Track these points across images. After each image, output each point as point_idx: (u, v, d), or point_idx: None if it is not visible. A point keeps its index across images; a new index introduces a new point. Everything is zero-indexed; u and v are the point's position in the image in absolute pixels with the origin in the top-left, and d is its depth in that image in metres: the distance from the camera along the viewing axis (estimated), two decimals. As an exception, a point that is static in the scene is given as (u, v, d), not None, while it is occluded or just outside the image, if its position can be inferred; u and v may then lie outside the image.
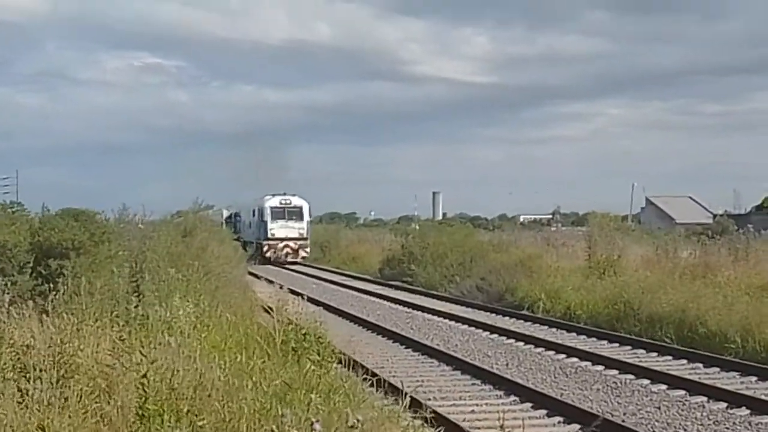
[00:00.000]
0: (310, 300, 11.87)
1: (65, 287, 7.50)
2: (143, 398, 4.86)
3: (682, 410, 7.42)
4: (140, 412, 4.80)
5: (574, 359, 10.37)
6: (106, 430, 4.89)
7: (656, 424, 6.94)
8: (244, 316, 9.55)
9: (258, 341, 7.49)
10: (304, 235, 33.40)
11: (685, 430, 6.67)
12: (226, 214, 44.76)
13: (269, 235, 32.63)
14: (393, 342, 12.54)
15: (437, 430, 5.66)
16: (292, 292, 10.83)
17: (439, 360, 10.52)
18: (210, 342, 7.15)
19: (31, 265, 9.27)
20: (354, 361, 8.20)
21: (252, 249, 33.54)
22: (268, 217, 32.96)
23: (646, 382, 8.77)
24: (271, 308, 9.03)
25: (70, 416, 4.80)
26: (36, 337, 5.82)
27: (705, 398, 7.88)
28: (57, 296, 7.11)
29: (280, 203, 33.52)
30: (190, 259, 10.76)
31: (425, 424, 5.66)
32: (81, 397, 5.20)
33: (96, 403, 5.19)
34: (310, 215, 35.11)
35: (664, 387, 8.49)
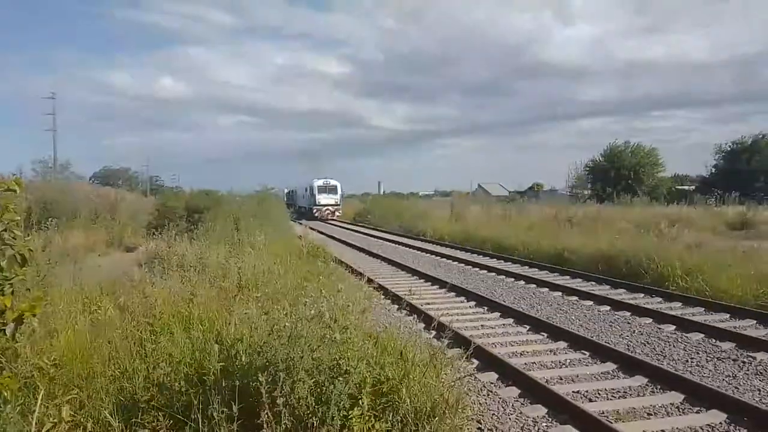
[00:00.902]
0: (319, 233, 18.17)
1: (202, 227, 12.97)
2: (240, 278, 8.81)
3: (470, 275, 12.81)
4: (238, 286, 8.53)
5: (442, 258, 18.97)
6: (222, 294, 8.10)
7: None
8: (288, 240, 15.24)
9: (294, 252, 12.96)
10: (338, 203, 48.99)
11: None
12: (286, 191, 69.70)
13: (317, 203, 47.47)
14: (359, 252, 21.11)
15: (380, 291, 11.09)
16: (312, 228, 16.86)
17: (381, 260, 18.37)
18: (272, 252, 12.31)
19: (185, 216, 15.43)
20: (341, 260, 13.92)
21: (305, 211, 51.16)
22: (316, 192, 47.81)
23: (462, 265, 16.44)
24: (300, 237, 14.63)
25: (205, 288, 8.26)
26: (188, 250, 11.03)
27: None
28: (197, 232, 12.51)
29: (323, 183, 48.46)
30: (262, 213, 16.92)
31: (375, 289, 11.06)
32: (210, 278, 9.18)
33: (217, 281, 8.91)
34: (342, 191, 50.85)
35: (476, 268, 14.58)
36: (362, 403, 4.17)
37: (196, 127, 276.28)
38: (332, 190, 48.76)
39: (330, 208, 47.85)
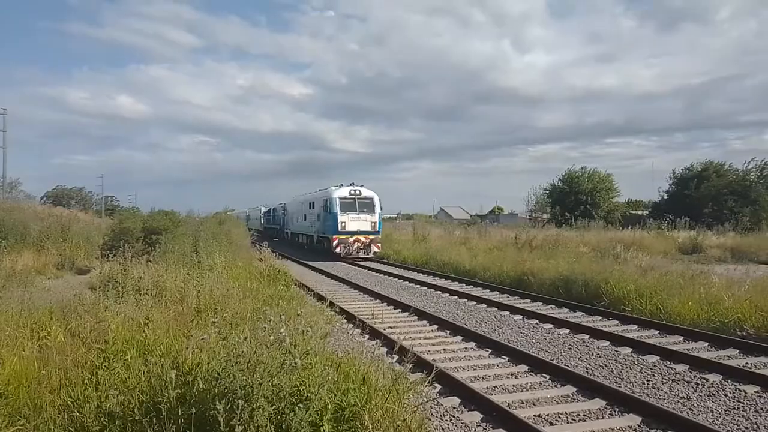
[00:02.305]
0: (281, 255, 17.92)
1: (159, 249, 12.61)
2: (198, 302, 8.71)
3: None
4: (196, 310, 8.36)
5: (405, 281, 18.82)
6: (180, 319, 8.04)
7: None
8: (248, 263, 14.97)
9: (255, 275, 12.75)
10: (377, 229, 28.59)
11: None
12: (264, 210, 55.97)
13: (340, 229, 27.61)
14: (321, 275, 20.81)
15: (342, 315, 10.98)
16: (273, 250, 16.65)
17: (343, 283, 18.15)
18: (231, 275, 12.09)
19: (142, 238, 14.96)
20: (303, 284, 13.77)
21: (310, 242, 33.27)
22: (337, 209, 27.67)
23: (425, 288, 15.77)
24: (261, 259, 14.44)
25: (161, 312, 8.13)
26: (144, 273, 10.67)
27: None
28: (155, 254, 12.16)
29: (350, 194, 28.44)
30: (222, 235, 16.53)
31: (337, 313, 10.97)
32: (167, 302, 8.93)
33: (175, 305, 8.82)
34: (381, 208, 29.91)
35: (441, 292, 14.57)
36: (323, 430, 4.10)
37: (155, 147, 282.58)
38: (366, 205, 28.70)
39: (362, 237, 28.22)
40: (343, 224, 27.67)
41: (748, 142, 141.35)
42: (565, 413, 6.24)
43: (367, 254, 28.19)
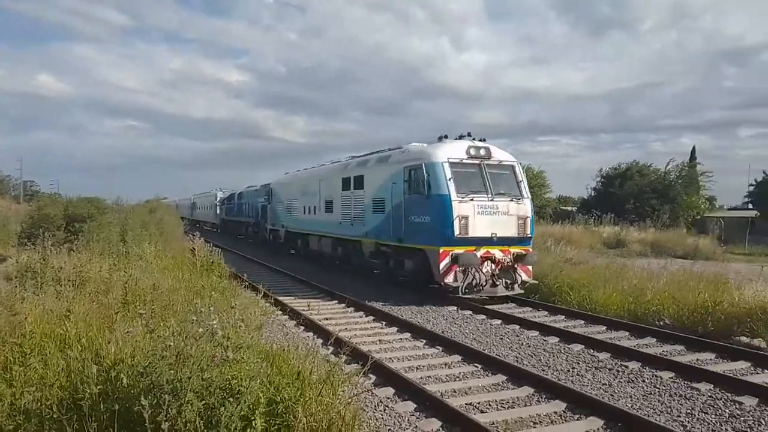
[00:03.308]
0: (216, 246, 17.43)
1: (83, 238, 11.98)
2: (125, 293, 8.32)
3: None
4: (123, 301, 8.07)
5: (344, 273, 17.64)
6: (105, 311, 7.58)
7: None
8: (180, 253, 14.49)
9: (187, 266, 12.38)
10: (528, 232, 13.56)
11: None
12: (221, 196, 44.45)
13: (457, 232, 12.25)
14: (259, 266, 20.41)
15: (277, 306, 10.83)
16: (206, 241, 16.13)
17: (279, 273, 17.87)
18: (162, 266, 11.76)
19: (64, 226, 14.05)
20: (237, 274, 13.50)
21: (340, 253, 18.22)
22: (449, 188, 12.37)
23: (364, 280, 15.14)
24: (194, 249, 14.03)
25: (84, 304, 7.68)
26: (66, 263, 10.09)
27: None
28: (78, 242, 11.57)
29: (469, 156, 13.17)
30: (153, 224, 15.83)
31: (272, 304, 10.78)
32: (91, 294, 8.47)
33: (99, 297, 8.38)
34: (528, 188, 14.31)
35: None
36: (255, 425, 4.02)
37: (79, 129, 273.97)
38: (503, 179, 13.35)
39: (498, 252, 12.79)
40: (464, 221, 12.41)
41: (666, 144, 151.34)
42: (495, 401, 6.41)
43: (510, 288, 13.10)
